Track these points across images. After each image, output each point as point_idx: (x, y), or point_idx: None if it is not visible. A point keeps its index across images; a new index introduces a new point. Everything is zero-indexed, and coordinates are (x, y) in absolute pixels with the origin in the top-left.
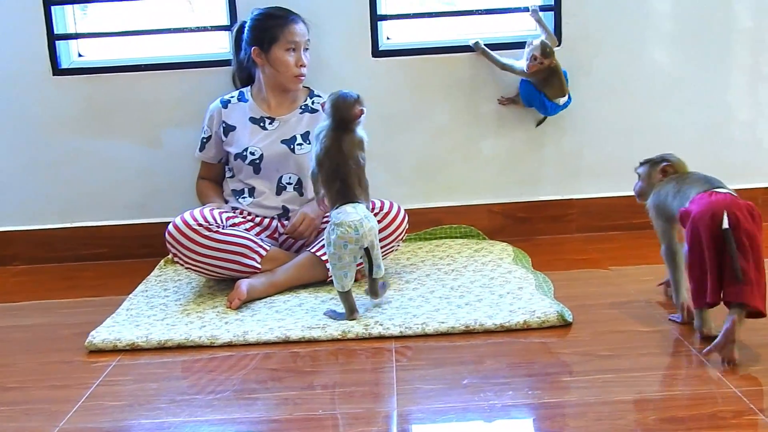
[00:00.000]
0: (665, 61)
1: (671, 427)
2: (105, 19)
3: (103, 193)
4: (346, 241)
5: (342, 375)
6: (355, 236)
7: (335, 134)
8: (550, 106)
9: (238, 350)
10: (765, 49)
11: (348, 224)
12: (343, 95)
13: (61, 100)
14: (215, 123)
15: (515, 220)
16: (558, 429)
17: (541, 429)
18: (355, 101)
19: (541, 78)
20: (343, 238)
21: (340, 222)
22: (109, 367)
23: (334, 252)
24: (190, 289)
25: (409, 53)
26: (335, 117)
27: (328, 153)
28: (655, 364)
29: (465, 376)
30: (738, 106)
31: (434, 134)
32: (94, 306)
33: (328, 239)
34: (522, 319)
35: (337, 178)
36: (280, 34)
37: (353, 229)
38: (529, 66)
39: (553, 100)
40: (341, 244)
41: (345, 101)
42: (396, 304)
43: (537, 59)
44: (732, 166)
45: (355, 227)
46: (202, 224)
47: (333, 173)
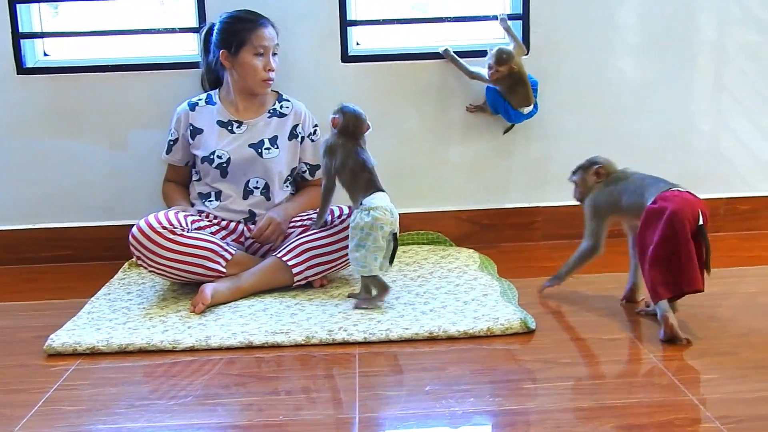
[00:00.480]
0: (630, 71)
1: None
2: (74, 18)
3: (67, 195)
4: (382, 223)
5: (305, 381)
6: (391, 219)
7: (349, 142)
8: (514, 114)
9: (201, 355)
10: (727, 60)
11: (384, 208)
12: (356, 112)
13: (25, 99)
14: (182, 126)
15: (482, 227)
16: None
17: None
18: (365, 118)
19: (506, 86)
20: (380, 220)
21: (375, 206)
22: (68, 371)
23: (368, 233)
24: (153, 292)
25: (379, 59)
26: (347, 131)
27: (345, 160)
28: (614, 371)
29: (427, 382)
30: (700, 116)
31: (402, 140)
32: (55, 309)
33: (359, 224)
34: (486, 326)
35: (364, 171)
36: (249, 38)
37: (389, 212)
38: (489, 74)
39: (517, 109)
40: (378, 225)
41: (358, 117)
42: (360, 310)
43: (492, 68)
44: (694, 174)
45: (390, 211)
46: (166, 227)
47: (359, 169)
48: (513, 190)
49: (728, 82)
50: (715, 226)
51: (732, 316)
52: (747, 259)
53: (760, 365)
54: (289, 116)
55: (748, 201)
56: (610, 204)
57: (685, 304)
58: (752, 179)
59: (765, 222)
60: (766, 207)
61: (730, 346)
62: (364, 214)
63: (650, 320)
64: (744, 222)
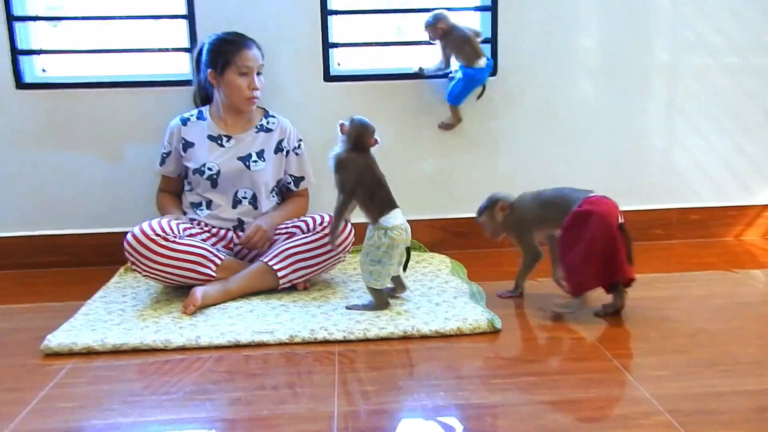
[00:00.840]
0: (590, 92)
1: (587, 426)
2: (72, 36)
3: (65, 204)
4: (399, 243)
5: (289, 377)
6: (405, 237)
7: (361, 157)
8: (473, 72)
9: (191, 354)
10: (679, 83)
11: (400, 227)
12: (366, 123)
13: (24, 113)
14: (175, 139)
15: (453, 235)
16: (483, 428)
17: (468, 428)
18: (372, 130)
19: (453, 47)
20: (397, 240)
21: (392, 226)
22: (64, 370)
23: (386, 251)
24: (147, 295)
25: (358, 79)
26: (357, 141)
27: (362, 177)
28: (573, 368)
29: (402, 378)
30: (655, 134)
31: (380, 155)
32: (53, 311)
33: (377, 243)
34: (456, 325)
35: (381, 189)
36: (234, 59)
37: (404, 230)
38: (431, 38)
39: (473, 66)
40: (395, 245)
41: (365, 127)
42: (341, 310)
43: (429, 36)
44: (649, 187)
45: (405, 229)
46: (159, 234)
47: (376, 187)
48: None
49: (680, 102)
50: (668, 234)
51: (683, 318)
52: (697, 264)
53: (708, 363)
54: (275, 131)
55: (699, 211)
56: (532, 220)
57: (640, 306)
58: (702, 191)
59: (714, 231)
60: (715, 217)
61: (681, 345)
62: (382, 234)
63: (607, 321)
64: (695, 231)
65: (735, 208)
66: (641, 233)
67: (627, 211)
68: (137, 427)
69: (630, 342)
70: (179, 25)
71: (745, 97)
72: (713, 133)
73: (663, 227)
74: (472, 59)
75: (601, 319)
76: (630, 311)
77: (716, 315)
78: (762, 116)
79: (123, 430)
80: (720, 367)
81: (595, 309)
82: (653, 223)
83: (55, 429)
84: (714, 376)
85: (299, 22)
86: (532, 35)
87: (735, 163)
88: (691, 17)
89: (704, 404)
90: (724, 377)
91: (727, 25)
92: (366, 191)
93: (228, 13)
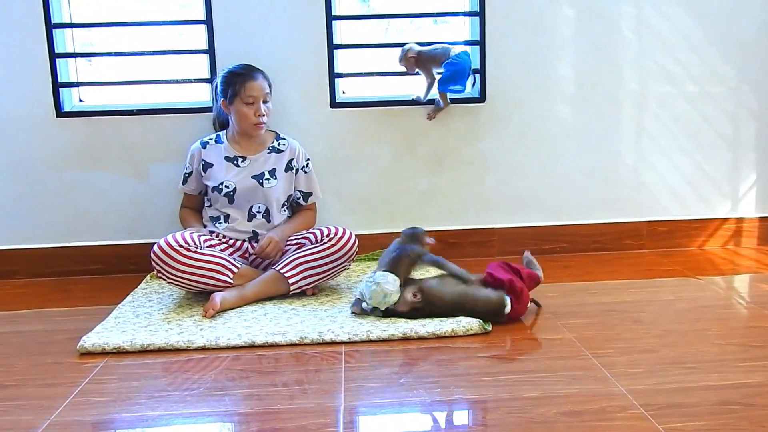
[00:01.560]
0: (567, 116)
1: (568, 419)
2: (106, 67)
3: (97, 218)
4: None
5: (299, 374)
6: (383, 300)
7: (405, 245)
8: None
9: (211, 353)
10: (646, 107)
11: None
12: (412, 233)
13: (62, 138)
14: (196, 161)
15: (447, 245)
16: (476, 421)
17: (462, 421)
18: (424, 233)
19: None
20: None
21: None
22: (97, 367)
23: (370, 299)
24: (171, 300)
25: (361, 105)
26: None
27: (392, 250)
28: (556, 366)
29: (401, 375)
30: (625, 153)
31: (379, 172)
32: (86, 315)
33: (364, 292)
34: (450, 327)
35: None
36: (240, 90)
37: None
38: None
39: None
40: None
41: (416, 235)
42: (346, 314)
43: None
44: (620, 202)
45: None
46: (182, 245)
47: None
48: (471, 214)
49: (647, 124)
50: (638, 244)
51: (653, 320)
52: (665, 272)
53: (677, 361)
54: (285, 152)
55: (666, 224)
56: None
57: (615, 309)
58: (669, 205)
59: (680, 241)
60: (680, 228)
61: (652, 345)
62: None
63: (587, 325)
64: (662, 241)
65: (698, 221)
66: (614, 243)
67: (601, 223)
68: (163, 419)
69: (607, 342)
70: (200, 58)
71: (703, 121)
72: (677, 153)
73: (633, 238)
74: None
75: (581, 321)
76: (606, 314)
77: (682, 317)
78: (718, 139)
79: (150, 422)
80: (687, 364)
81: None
82: (624, 234)
83: (89, 421)
84: (681, 372)
85: (308, 54)
86: (515, 66)
87: (697, 181)
88: (654, 50)
89: (673, 398)
90: (691, 374)
91: (685, 58)
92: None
93: (244, 48)
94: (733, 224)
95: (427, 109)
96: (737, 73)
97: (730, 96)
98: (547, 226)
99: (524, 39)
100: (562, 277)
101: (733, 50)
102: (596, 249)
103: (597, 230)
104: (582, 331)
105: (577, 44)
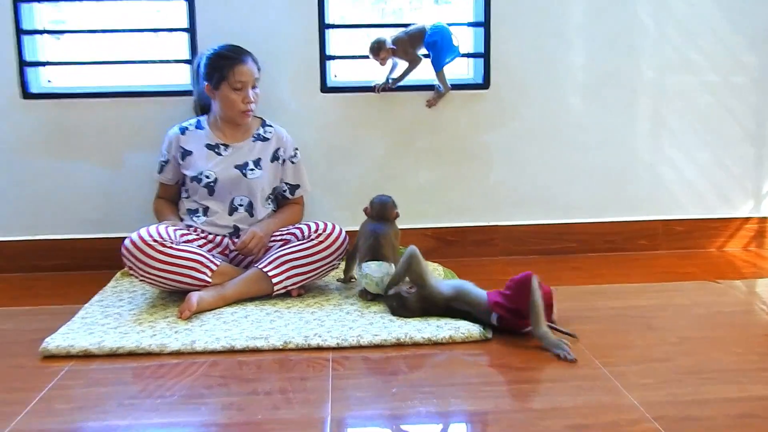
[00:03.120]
0: (579, 107)
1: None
2: (75, 47)
3: (65, 209)
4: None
5: (282, 382)
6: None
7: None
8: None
9: (186, 358)
10: (665, 98)
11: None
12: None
13: (29, 122)
14: (174, 147)
15: (446, 243)
16: None
17: None
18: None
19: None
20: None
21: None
22: (62, 372)
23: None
24: (144, 300)
25: (354, 90)
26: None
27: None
28: (563, 375)
29: (394, 385)
30: (641, 148)
31: (374, 164)
32: (51, 314)
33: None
34: (448, 333)
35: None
36: (228, 74)
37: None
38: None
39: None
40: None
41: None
42: (334, 317)
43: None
44: (635, 200)
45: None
46: (156, 240)
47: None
48: (473, 211)
49: (665, 117)
50: (653, 245)
51: (668, 326)
52: (682, 275)
53: (693, 371)
54: (271, 140)
55: (683, 223)
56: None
57: (626, 314)
58: (687, 204)
59: (698, 242)
60: (698, 228)
61: (666, 353)
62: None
63: (597, 332)
64: (679, 242)
65: (717, 221)
66: (627, 243)
67: (613, 221)
68: (133, 429)
69: (617, 350)
70: (180, 37)
71: (725, 113)
72: (696, 147)
73: (648, 238)
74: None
75: (591, 327)
76: (617, 319)
77: (699, 324)
78: (740, 132)
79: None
80: (703, 374)
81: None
82: (639, 234)
83: (52, 430)
84: (698, 383)
85: (297, 35)
86: (523, 51)
87: (717, 177)
88: (673, 37)
89: (689, 411)
90: (708, 384)
91: (707, 45)
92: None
93: (228, 26)
94: (755, 224)
95: (426, 95)
96: (762, 62)
97: (754, 87)
98: (555, 225)
99: (532, 21)
100: (570, 279)
101: (759, 38)
102: (608, 249)
103: (609, 229)
104: (591, 338)
105: (590, 28)
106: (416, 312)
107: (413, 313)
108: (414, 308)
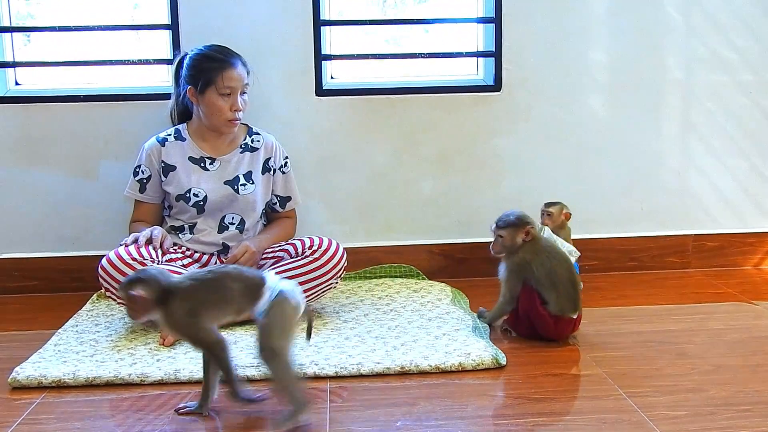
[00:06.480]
0: (599, 109)
1: None
2: (47, 47)
3: (35, 225)
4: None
5: (275, 416)
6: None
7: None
8: None
9: (170, 389)
10: (694, 100)
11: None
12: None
13: None
14: (155, 162)
15: (454, 261)
16: None
17: None
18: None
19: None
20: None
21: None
22: (33, 404)
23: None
24: (122, 324)
25: (353, 93)
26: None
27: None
28: (585, 407)
29: (398, 417)
30: (668, 154)
31: (375, 173)
32: (20, 341)
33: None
34: (457, 361)
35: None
36: (215, 79)
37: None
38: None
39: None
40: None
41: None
42: (332, 343)
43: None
44: (662, 212)
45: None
46: (136, 259)
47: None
48: (484, 225)
49: (695, 120)
50: (683, 262)
51: (700, 353)
52: (715, 295)
53: (728, 402)
54: (260, 150)
55: (716, 238)
56: (526, 270)
57: (654, 340)
58: (719, 216)
59: (732, 259)
60: (733, 244)
61: (698, 383)
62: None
63: (620, 358)
64: (712, 259)
65: (754, 235)
66: (654, 261)
67: (639, 237)
68: None
69: (644, 379)
70: (161, 34)
71: (761, 116)
72: (730, 154)
73: (678, 254)
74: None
75: (615, 354)
76: (644, 345)
77: (735, 350)
78: None
79: None
80: (740, 406)
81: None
82: (667, 250)
83: None
84: (733, 416)
85: (290, 32)
86: (538, 48)
87: (754, 187)
88: (704, 32)
89: None
90: (744, 418)
91: (741, 41)
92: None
93: (214, 23)
94: None
95: (432, 98)
96: None
97: None
98: (574, 240)
99: (548, 16)
100: (592, 301)
101: None
102: (633, 268)
103: (634, 245)
104: (616, 366)
105: (611, 24)
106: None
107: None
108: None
